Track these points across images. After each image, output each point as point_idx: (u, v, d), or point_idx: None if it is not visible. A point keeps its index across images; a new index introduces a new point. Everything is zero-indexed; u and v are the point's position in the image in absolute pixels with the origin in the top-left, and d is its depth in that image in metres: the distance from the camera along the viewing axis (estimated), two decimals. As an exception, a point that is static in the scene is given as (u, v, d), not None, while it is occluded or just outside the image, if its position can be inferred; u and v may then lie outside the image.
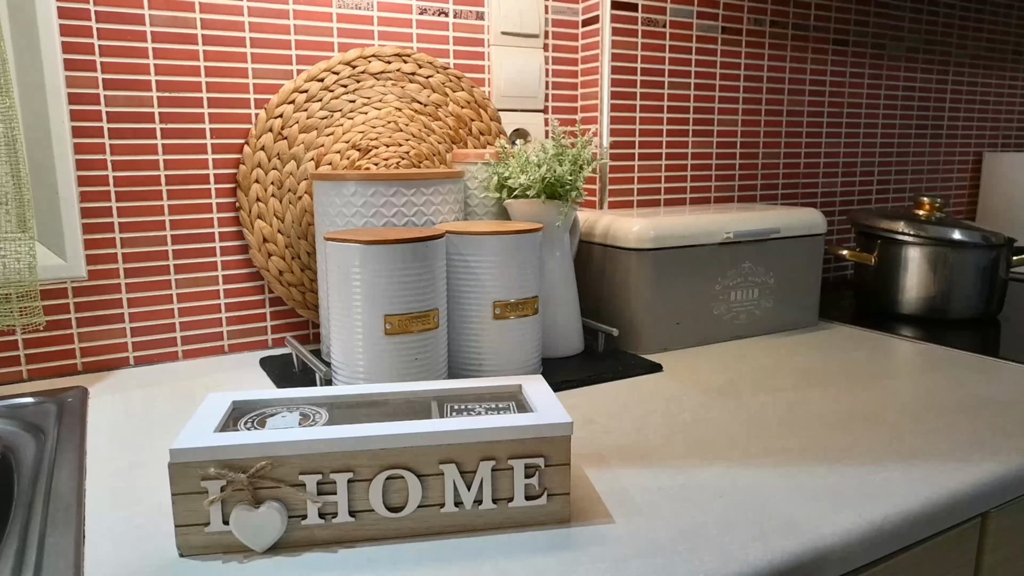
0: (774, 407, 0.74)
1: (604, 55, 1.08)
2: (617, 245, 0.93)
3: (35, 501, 0.54)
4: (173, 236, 0.87)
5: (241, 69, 0.88)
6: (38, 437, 0.66)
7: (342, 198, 0.79)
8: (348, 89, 0.93)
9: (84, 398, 0.75)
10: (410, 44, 0.98)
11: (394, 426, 0.50)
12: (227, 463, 0.47)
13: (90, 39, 0.80)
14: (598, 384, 0.81)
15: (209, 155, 0.88)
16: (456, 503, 0.50)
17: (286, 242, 0.92)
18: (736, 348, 0.95)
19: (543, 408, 0.53)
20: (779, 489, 0.56)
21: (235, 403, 0.55)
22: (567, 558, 0.47)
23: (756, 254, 0.99)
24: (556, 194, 0.85)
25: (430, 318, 0.71)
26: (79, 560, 0.47)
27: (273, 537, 0.47)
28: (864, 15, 1.36)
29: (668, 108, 1.17)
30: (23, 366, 0.82)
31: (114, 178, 0.84)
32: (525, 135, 1.08)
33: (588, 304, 0.99)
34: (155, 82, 0.84)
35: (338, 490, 0.48)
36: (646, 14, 1.11)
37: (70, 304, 0.83)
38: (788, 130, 1.31)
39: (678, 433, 0.67)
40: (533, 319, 0.79)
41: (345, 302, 0.69)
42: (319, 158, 0.92)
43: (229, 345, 0.93)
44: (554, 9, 1.08)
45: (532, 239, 0.78)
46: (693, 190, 1.23)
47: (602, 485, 0.57)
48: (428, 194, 0.81)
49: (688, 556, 0.47)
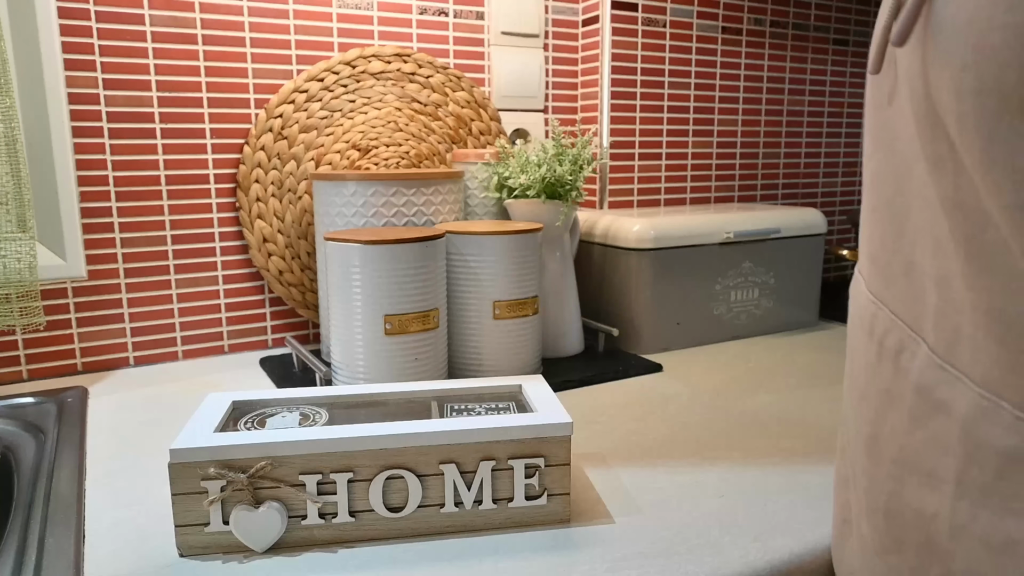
0: (774, 407, 0.74)
1: (604, 55, 1.08)
2: (617, 245, 0.93)
3: (35, 501, 0.54)
4: (173, 236, 0.87)
5: (241, 69, 0.88)
6: (38, 437, 0.66)
7: (342, 198, 0.79)
8: (348, 89, 0.92)
9: (84, 398, 0.75)
10: (410, 44, 0.98)
11: (394, 426, 0.50)
12: (227, 463, 0.46)
13: (90, 39, 0.80)
14: (598, 384, 0.81)
15: (209, 155, 0.88)
16: (456, 503, 0.50)
17: (286, 242, 0.92)
18: (736, 348, 0.95)
19: (543, 408, 0.53)
20: (779, 489, 0.56)
21: (235, 403, 0.55)
22: (567, 558, 0.47)
23: (756, 254, 0.99)
24: (556, 194, 0.85)
25: (430, 318, 0.71)
26: (79, 560, 0.47)
27: (273, 537, 0.47)
28: (864, 15, 1.36)
29: (668, 108, 1.17)
30: (23, 366, 0.82)
31: (114, 178, 0.84)
32: (525, 135, 1.08)
33: (588, 304, 0.99)
34: (155, 82, 0.84)
35: (338, 490, 0.48)
36: (646, 14, 1.11)
37: (70, 304, 0.83)
38: (788, 130, 1.31)
39: (678, 433, 0.67)
40: (533, 319, 0.79)
41: (345, 302, 0.69)
42: (319, 158, 0.92)
43: (229, 345, 0.93)
44: (554, 9, 1.08)
45: (532, 239, 0.78)
46: (693, 190, 1.23)
47: (602, 485, 0.57)
48: (428, 194, 0.81)
49: (688, 556, 0.47)
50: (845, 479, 0.38)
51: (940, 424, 0.28)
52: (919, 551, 0.29)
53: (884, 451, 0.31)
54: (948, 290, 0.27)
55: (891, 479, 0.31)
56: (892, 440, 0.31)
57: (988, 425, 0.25)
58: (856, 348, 0.36)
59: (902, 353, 0.30)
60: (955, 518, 0.27)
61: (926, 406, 0.28)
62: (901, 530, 0.30)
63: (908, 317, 0.30)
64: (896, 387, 0.31)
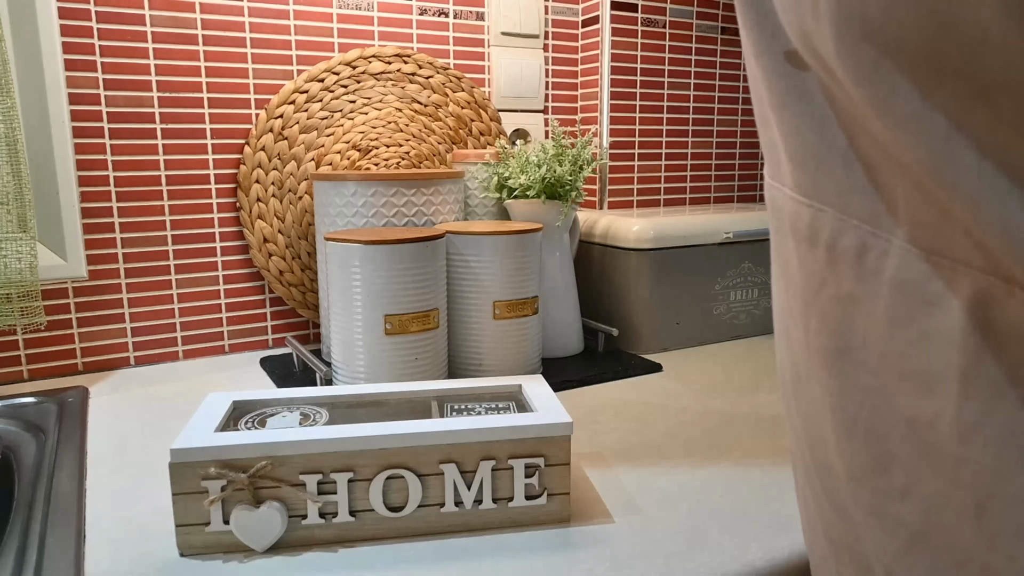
0: (774, 407, 0.74)
1: (604, 55, 1.08)
2: (617, 245, 0.93)
3: (35, 501, 0.54)
4: (174, 236, 0.87)
5: (241, 69, 0.88)
6: (38, 437, 0.66)
7: (342, 198, 0.79)
8: (348, 89, 0.93)
9: (84, 398, 0.75)
10: (410, 44, 0.98)
11: (394, 426, 0.50)
12: (227, 463, 0.47)
13: (90, 39, 0.80)
14: (598, 384, 0.81)
15: (209, 155, 0.88)
16: (456, 503, 0.50)
17: (286, 242, 0.92)
18: (736, 348, 0.95)
19: (543, 408, 0.54)
20: (779, 489, 0.56)
21: (235, 403, 0.55)
22: (567, 558, 0.47)
23: (756, 254, 0.99)
24: (556, 194, 0.85)
25: (430, 318, 0.71)
26: (79, 560, 0.47)
27: (273, 537, 0.47)
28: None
29: (668, 108, 1.17)
30: (24, 366, 0.82)
31: (114, 178, 0.84)
32: (525, 135, 1.08)
33: (588, 304, 0.99)
34: (155, 82, 0.84)
35: (338, 490, 0.48)
36: (646, 14, 1.11)
37: (71, 304, 0.83)
38: (788, 130, 1.31)
39: (678, 433, 0.67)
40: (533, 319, 0.79)
41: (345, 302, 0.69)
42: (319, 158, 0.92)
43: (229, 345, 0.93)
44: (554, 9, 1.08)
45: (532, 239, 0.78)
46: (693, 190, 1.23)
47: (602, 485, 0.57)
48: (428, 194, 0.81)
49: (688, 556, 0.47)
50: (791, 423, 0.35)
51: (934, 320, 0.25)
52: (914, 465, 0.26)
53: (858, 361, 0.28)
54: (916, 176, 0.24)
55: (870, 391, 0.28)
56: (867, 348, 0.28)
57: (1001, 309, 0.23)
58: (789, 261, 0.32)
59: (866, 254, 0.27)
60: (963, 419, 0.24)
61: (910, 303, 0.26)
62: (888, 446, 0.27)
63: (863, 214, 0.27)
64: (863, 290, 0.28)
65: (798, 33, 0.26)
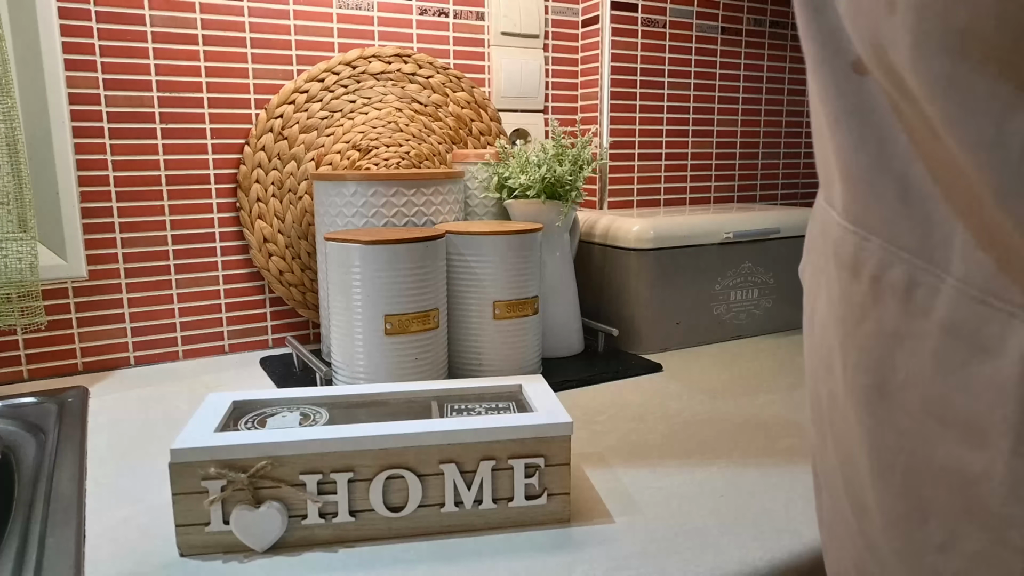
0: (774, 407, 0.74)
1: (604, 55, 1.08)
2: (617, 245, 0.93)
3: (35, 501, 0.54)
4: (173, 236, 0.87)
5: (241, 69, 0.88)
6: (38, 437, 0.66)
7: (342, 198, 0.79)
8: (348, 89, 0.93)
9: (84, 398, 0.75)
10: (410, 44, 0.98)
11: (394, 426, 0.50)
12: (227, 463, 0.47)
13: (90, 39, 0.80)
14: (598, 384, 0.81)
15: (209, 155, 0.88)
16: (456, 503, 0.50)
17: (286, 242, 0.92)
18: (736, 348, 0.95)
19: (543, 408, 0.54)
20: (779, 489, 0.56)
21: (235, 403, 0.55)
22: (567, 558, 0.47)
23: (756, 254, 0.99)
24: (556, 194, 0.85)
25: (430, 318, 0.71)
26: (79, 560, 0.47)
27: (273, 537, 0.47)
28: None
29: (668, 108, 1.17)
30: (24, 366, 0.82)
31: (114, 178, 0.84)
32: (525, 135, 1.08)
33: (588, 304, 0.99)
34: (155, 82, 0.84)
35: (338, 490, 0.48)
36: (646, 14, 1.11)
37: (71, 304, 0.83)
38: (788, 130, 1.31)
39: (678, 433, 0.67)
40: (533, 319, 0.79)
41: (345, 302, 0.69)
42: (319, 158, 0.92)
43: (229, 345, 0.93)
44: (554, 9, 1.08)
45: (532, 239, 0.78)
46: (693, 190, 1.23)
47: (602, 485, 0.57)
48: (428, 194, 0.81)
49: (688, 556, 0.47)
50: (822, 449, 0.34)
51: (987, 366, 0.23)
52: (956, 520, 0.25)
53: (898, 403, 0.27)
54: (980, 211, 0.23)
55: (910, 436, 0.26)
56: (910, 389, 0.26)
57: None
58: (829, 288, 0.31)
59: (915, 290, 0.26)
60: (1015, 476, 0.23)
61: (961, 347, 0.24)
62: (926, 495, 0.26)
63: (914, 246, 0.26)
64: (909, 329, 0.26)
65: (870, 45, 0.25)
